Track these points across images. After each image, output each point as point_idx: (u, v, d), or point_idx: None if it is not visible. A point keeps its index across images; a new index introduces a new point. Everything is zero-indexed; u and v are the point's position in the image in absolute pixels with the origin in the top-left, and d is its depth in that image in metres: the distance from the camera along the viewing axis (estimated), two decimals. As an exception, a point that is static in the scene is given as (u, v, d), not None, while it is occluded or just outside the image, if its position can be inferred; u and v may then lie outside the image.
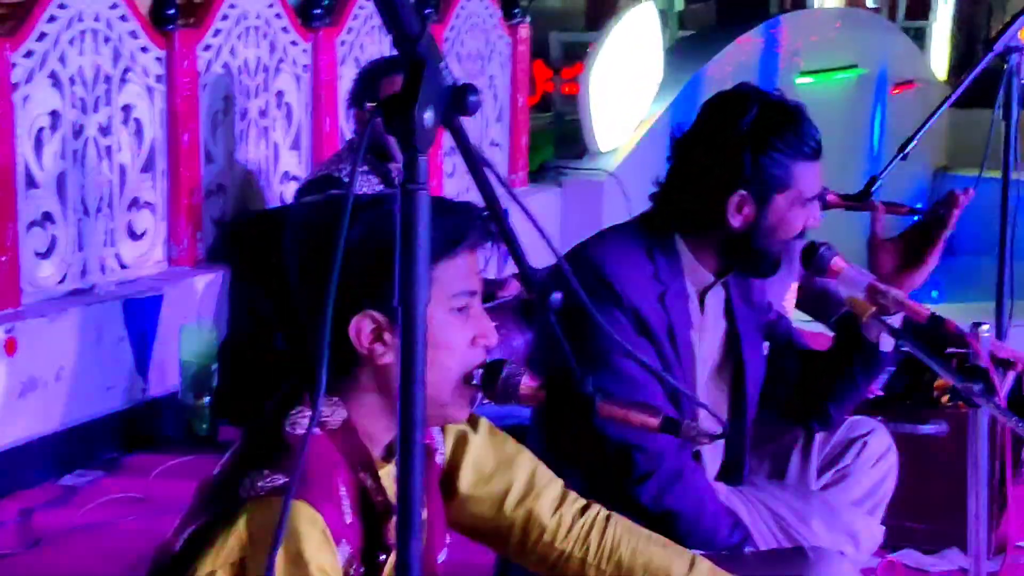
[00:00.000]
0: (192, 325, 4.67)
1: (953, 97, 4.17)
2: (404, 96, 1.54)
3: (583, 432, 2.59)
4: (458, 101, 1.59)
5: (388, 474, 1.97)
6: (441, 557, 2.14)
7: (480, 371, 1.98)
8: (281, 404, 1.92)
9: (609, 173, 7.07)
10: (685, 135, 2.74)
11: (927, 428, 3.76)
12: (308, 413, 1.90)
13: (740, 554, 2.67)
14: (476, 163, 1.72)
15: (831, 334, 3.26)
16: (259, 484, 1.80)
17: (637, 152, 7.31)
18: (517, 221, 1.77)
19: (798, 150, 2.67)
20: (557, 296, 1.83)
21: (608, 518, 2.25)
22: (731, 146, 2.66)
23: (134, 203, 4.78)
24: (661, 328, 2.67)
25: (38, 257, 4.40)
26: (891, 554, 3.73)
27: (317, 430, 1.89)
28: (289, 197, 5.26)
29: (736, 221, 2.68)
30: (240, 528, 1.78)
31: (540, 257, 1.78)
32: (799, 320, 4.55)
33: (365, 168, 4.65)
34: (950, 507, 3.66)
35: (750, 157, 2.64)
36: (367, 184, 4.58)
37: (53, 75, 4.42)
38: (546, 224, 4.11)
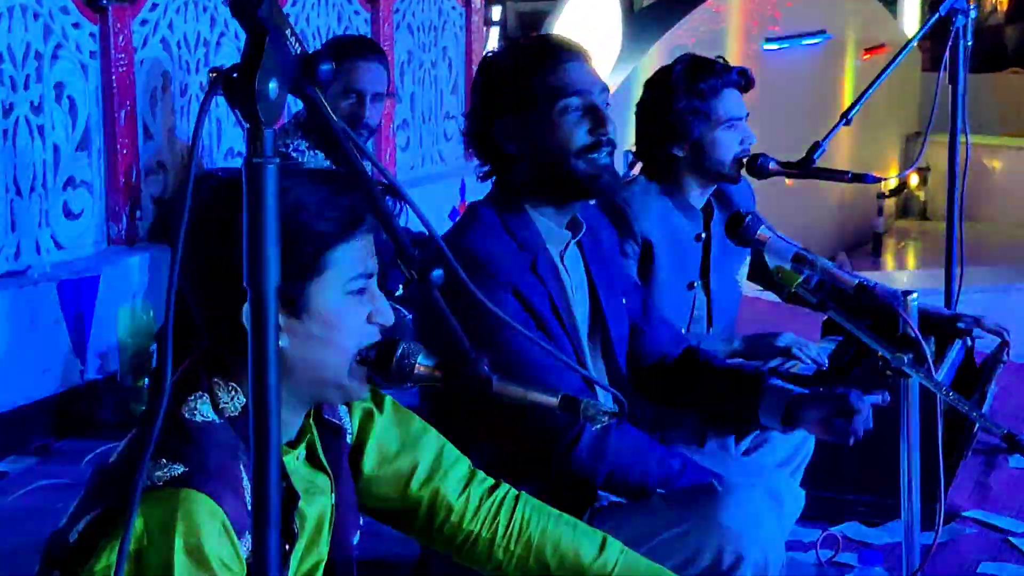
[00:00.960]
0: (129, 306, 4.59)
1: (895, 63, 4.09)
2: (244, 66, 1.47)
3: (484, 412, 2.52)
4: (308, 71, 1.51)
5: (295, 459, 1.94)
6: (355, 539, 2.09)
7: (372, 350, 1.92)
8: (177, 389, 1.86)
9: (567, 143, 6.98)
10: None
11: (868, 399, 3.69)
12: (206, 398, 1.84)
13: (649, 500, 2.64)
14: (340, 138, 1.64)
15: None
16: (156, 474, 1.74)
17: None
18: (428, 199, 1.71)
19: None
20: (438, 273, 1.78)
21: (517, 498, 2.20)
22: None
23: (69, 182, 4.68)
24: (542, 301, 2.64)
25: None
26: (833, 527, 3.68)
27: (215, 418, 1.83)
28: (233, 174, 5.17)
29: (512, 147, 2.71)
30: (137, 520, 1.72)
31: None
32: (753, 290, 4.51)
33: (308, 144, 4.58)
34: (892, 479, 3.61)
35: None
36: (313, 160, 4.50)
37: (-21, 53, 4.32)
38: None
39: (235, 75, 1.47)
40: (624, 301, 2.93)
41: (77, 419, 4.50)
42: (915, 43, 4.33)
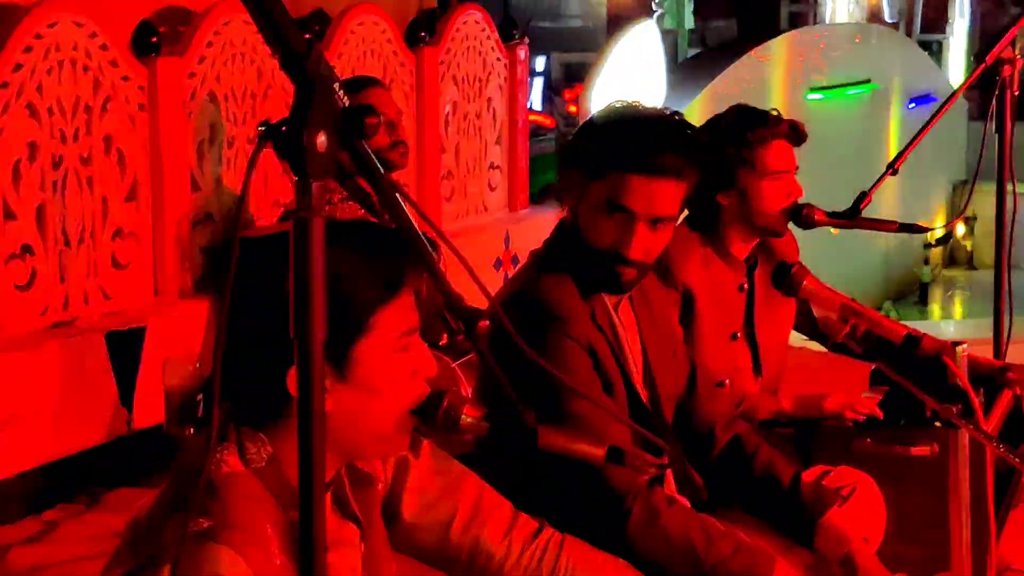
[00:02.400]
0: (177, 356, 4.61)
1: (940, 112, 4.07)
2: (293, 119, 1.48)
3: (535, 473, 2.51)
4: (354, 123, 1.52)
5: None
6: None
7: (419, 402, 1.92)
8: (206, 442, 1.85)
9: (611, 194, 6.99)
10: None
11: (917, 450, 3.66)
12: (233, 449, 1.84)
13: None
14: (390, 192, 1.65)
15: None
16: (182, 530, 1.73)
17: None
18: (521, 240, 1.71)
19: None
20: (483, 325, 1.78)
21: (562, 543, 2.18)
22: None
23: (118, 233, 4.72)
24: (606, 353, 2.63)
25: (18, 290, 4.34)
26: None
27: (241, 469, 1.83)
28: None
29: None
30: None
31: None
32: (799, 339, 4.48)
33: (342, 197, 4.59)
34: (943, 531, 3.58)
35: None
36: (347, 210, 4.52)
37: (30, 106, 4.36)
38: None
39: (284, 128, 1.48)
40: (673, 355, 2.91)
41: (125, 468, 4.52)
42: (961, 92, 4.31)
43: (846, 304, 2.82)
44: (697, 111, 7.73)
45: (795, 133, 3.71)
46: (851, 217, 3.90)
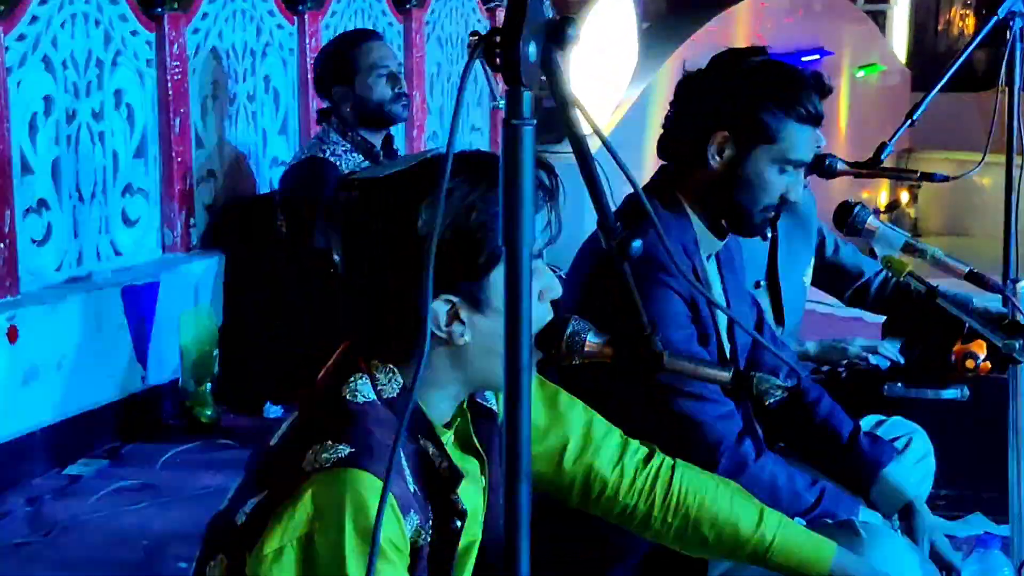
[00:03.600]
0: (191, 311, 4.60)
1: (949, 72, 4.12)
2: (507, 29, 1.50)
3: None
4: (557, 35, 1.54)
5: (449, 441, 1.93)
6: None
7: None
8: (337, 374, 1.87)
9: (588, 156, 7.03)
10: (689, 75, 2.72)
11: (949, 393, 3.73)
12: (366, 380, 1.85)
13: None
14: (565, 105, 1.67)
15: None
16: (323, 456, 1.74)
17: (615, 135, 7.27)
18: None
19: (792, 108, 2.63)
20: (637, 245, 1.79)
21: (673, 467, 2.20)
22: (728, 86, 2.63)
23: (127, 189, 4.70)
24: (704, 309, 2.64)
25: (35, 244, 4.31)
26: (951, 521, 3.70)
27: (375, 399, 1.85)
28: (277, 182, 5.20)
29: (715, 161, 2.64)
30: (306, 502, 1.72)
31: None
32: (814, 298, 4.54)
33: (344, 148, 4.59)
34: (972, 472, 3.66)
35: (743, 99, 2.61)
36: (352, 161, 4.53)
37: (46, 59, 4.33)
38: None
39: (497, 38, 1.50)
40: (747, 312, 2.93)
41: (141, 423, 4.51)
42: (971, 48, 4.37)
43: (909, 242, 2.88)
44: (667, 75, 7.78)
45: (820, 83, 3.75)
46: (873, 167, 3.97)
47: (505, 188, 1.53)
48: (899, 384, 3.52)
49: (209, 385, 4.56)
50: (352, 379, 1.85)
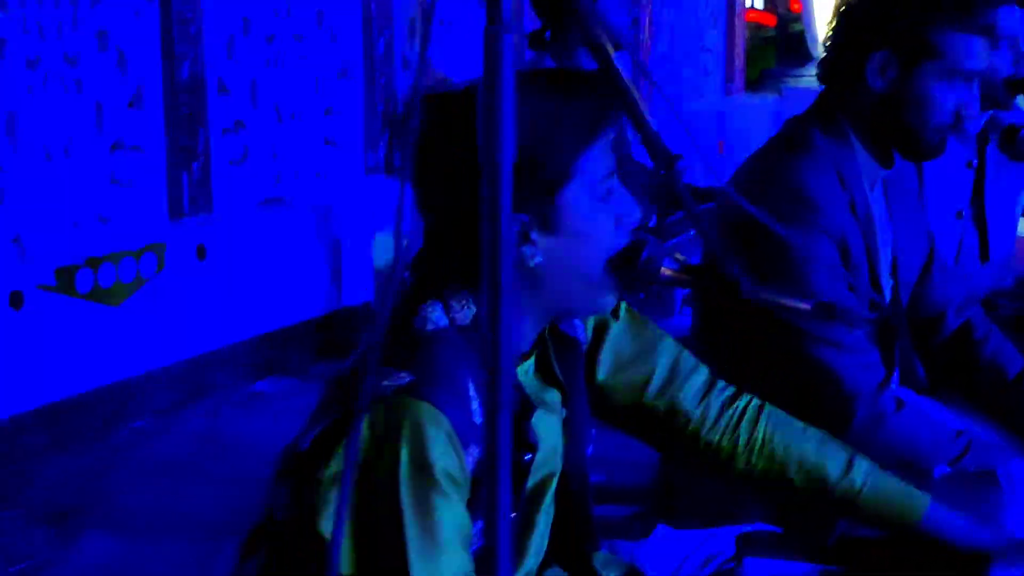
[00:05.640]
0: (386, 233, 4.62)
1: None
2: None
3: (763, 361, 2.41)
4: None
5: (526, 371, 1.87)
6: (588, 451, 2.02)
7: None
8: (412, 298, 1.82)
9: (831, 79, 6.78)
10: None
11: None
12: (439, 306, 1.79)
13: (928, 484, 2.47)
14: (601, 47, 1.56)
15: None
16: (384, 383, 1.69)
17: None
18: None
19: (957, 18, 2.42)
20: (683, 164, 1.68)
21: (761, 408, 2.08)
22: (887, 4, 2.44)
23: (329, 110, 4.73)
24: (858, 246, 2.47)
25: (232, 164, 4.39)
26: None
27: (447, 325, 1.78)
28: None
29: (878, 82, 2.45)
30: (364, 428, 1.68)
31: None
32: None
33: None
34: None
35: (900, 13, 2.42)
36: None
37: (236, -20, 4.39)
38: (763, 132, 3.94)
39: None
40: (919, 245, 2.76)
41: (334, 343, 4.56)
42: None
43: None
44: None
45: None
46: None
47: (484, 101, 1.44)
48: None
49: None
50: (425, 305, 1.79)
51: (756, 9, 9.10)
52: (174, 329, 4.09)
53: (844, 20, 2.55)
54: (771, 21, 9.40)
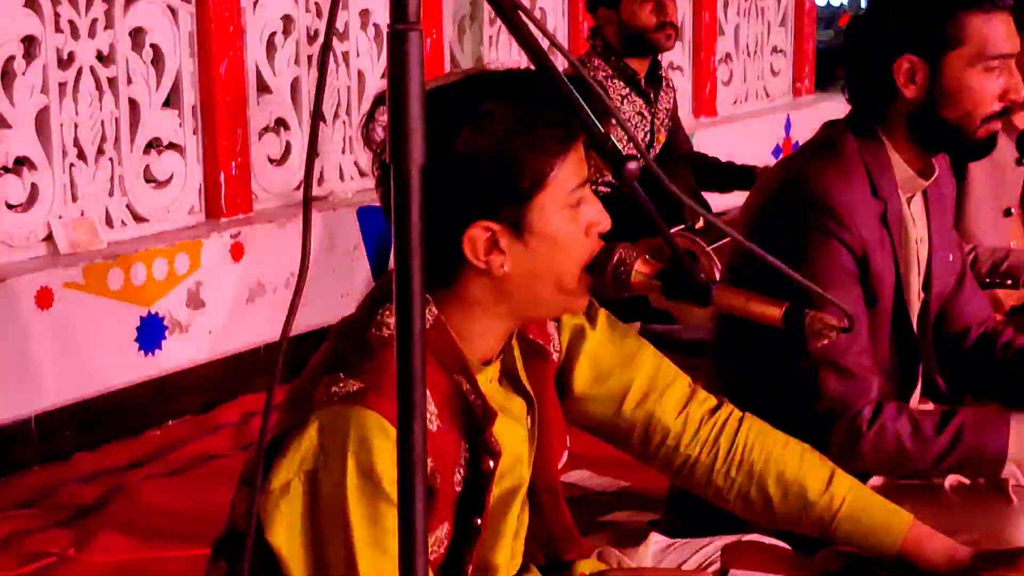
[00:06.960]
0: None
1: None
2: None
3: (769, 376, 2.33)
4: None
5: (490, 379, 1.82)
6: (562, 462, 1.96)
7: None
8: (369, 305, 1.77)
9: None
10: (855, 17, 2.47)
11: None
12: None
13: (938, 494, 2.38)
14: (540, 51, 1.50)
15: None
16: (332, 389, 1.66)
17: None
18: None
19: (967, 1, 2.32)
20: (632, 166, 1.61)
21: (741, 419, 2.02)
22: (895, 8, 2.36)
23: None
24: (885, 259, 2.38)
25: (271, 164, 4.37)
26: None
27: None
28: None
29: (910, 91, 2.35)
30: (312, 435, 1.65)
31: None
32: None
33: (611, 72, 4.45)
34: None
35: (915, 12, 2.32)
36: (612, 88, 4.38)
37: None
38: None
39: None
40: (951, 258, 2.65)
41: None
42: None
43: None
44: None
45: None
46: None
47: (392, 101, 1.38)
48: None
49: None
50: (382, 310, 1.75)
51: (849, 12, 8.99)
52: (206, 329, 4.08)
53: (858, 38, 2.48)
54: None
